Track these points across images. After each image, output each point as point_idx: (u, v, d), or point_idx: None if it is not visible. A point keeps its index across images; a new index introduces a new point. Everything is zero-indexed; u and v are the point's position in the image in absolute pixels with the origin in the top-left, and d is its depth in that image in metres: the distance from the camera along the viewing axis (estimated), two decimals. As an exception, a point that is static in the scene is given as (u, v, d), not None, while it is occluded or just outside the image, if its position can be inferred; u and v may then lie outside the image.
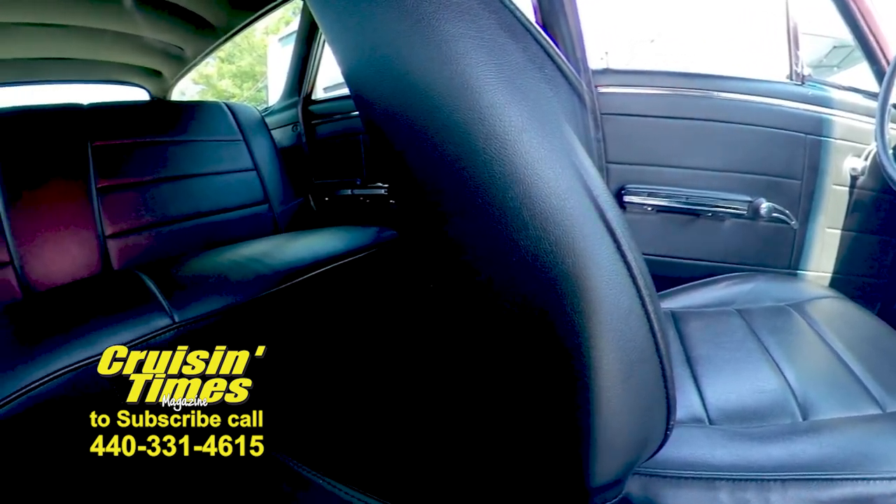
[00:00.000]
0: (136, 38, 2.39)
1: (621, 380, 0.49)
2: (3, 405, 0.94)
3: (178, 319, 1.14)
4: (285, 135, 2.43)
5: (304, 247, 1.50)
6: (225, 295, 1.21)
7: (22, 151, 1.62)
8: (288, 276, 1.29)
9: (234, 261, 1.40)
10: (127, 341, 1.08)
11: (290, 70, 2.40)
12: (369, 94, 0.61)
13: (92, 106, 1.88)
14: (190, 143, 1.96)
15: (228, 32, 2.43)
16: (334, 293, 1.42)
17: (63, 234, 1.57)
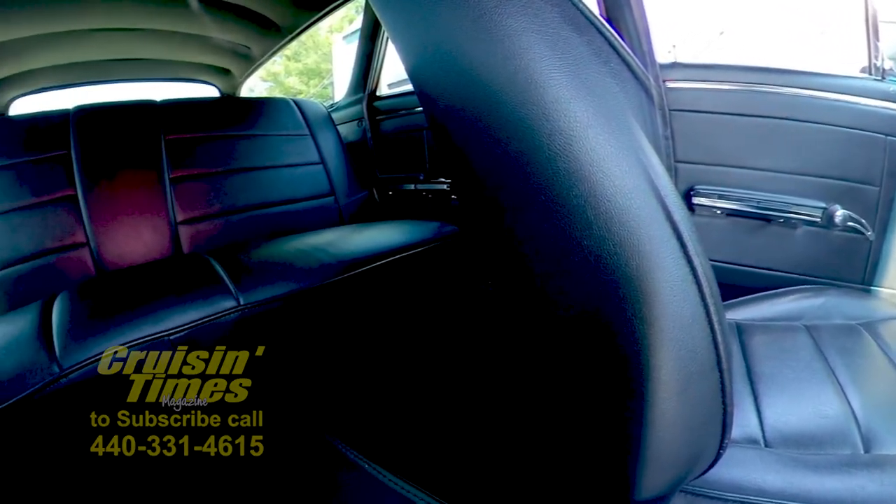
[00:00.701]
0: (205, 39, 2.50)
1: (678, 392, 0.47)
2: (73, 371, 0.99)
3: (242, 302, 1.18)
4: (351, 130, 2.48)
5: (367, 238, 1.53)
6: (289, 281, 1.24)
7: (100, 144, 1.74)
8: (350, 266, 1.32)
9: (298, 249, 1.44)
10: (193, 320, 1.12)
11: (354, 67, 2.44)
12: (432, 90, 0.60)
13: (165, 102, 2.00)
14: (258, 137, 2.03)
15: (293, 32, 2.50)
16: (394, 285, 1.44)
17: (137, 219, 1.68)
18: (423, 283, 1.53)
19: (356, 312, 1.37)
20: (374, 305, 1.41)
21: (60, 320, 1.12)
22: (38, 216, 1.56)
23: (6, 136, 1.68)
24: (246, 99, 2.30)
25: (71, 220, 1.59)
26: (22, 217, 1.54)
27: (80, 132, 1.74)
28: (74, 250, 1.58)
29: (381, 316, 1.45)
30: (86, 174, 1.65)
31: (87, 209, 1.61)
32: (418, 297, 1.54)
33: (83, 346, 1.02)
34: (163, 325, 1.09)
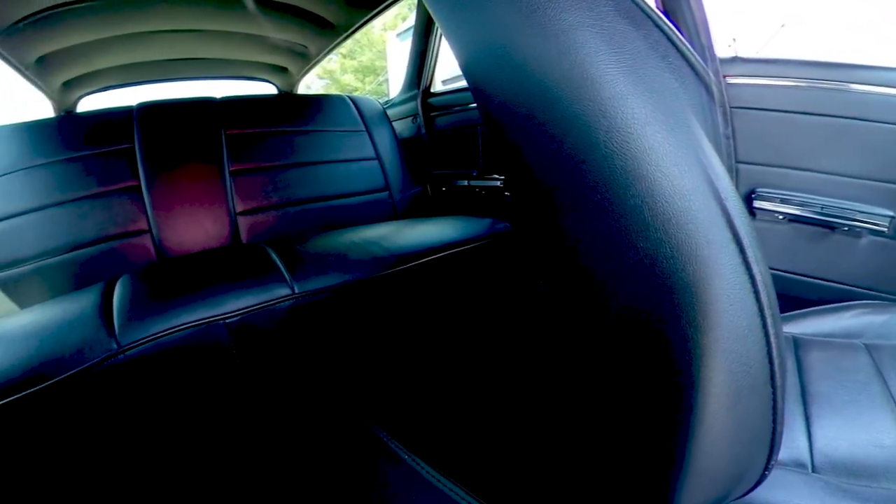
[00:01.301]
0: (262, 39, 2.56)
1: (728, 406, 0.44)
2: (132, 348, 1.03)
3: (297, 290, 1.20)
4: (405, 126, 2.51)
5: (420, 233, 1.53)
6: (342, 272, 1.26)
7: (162, 138, 1.84)
8: (402, 260, 1.33)
9: (353, 242, 1.46)
10: (248, 305, 1.15)
11: (408, 64, 2.46)
12: (486, 86, 0.59)
13: (224, 99, 2.09)
14: (315, 133, 2.09)
15: (348, 30, 2.53)
16: (445, 280, 1.44)
17: (198, 209, 1.77)
18: (474, 280, 1.53)
19: (407, 305, 1.38)
20: (424, 299, 1.42)
21: (121, 300, 1.18)
22: (104, 204, 1.67)
23: (74, 131, 1.80)
24: (303, 96, 2.35)
25: (134, 208, 1.70)
26: (88, 205, 1.65)
27: (144, 127, 1.85)
28: (137, 237, 1.68)
29: (431, 310, 1.45)
30: (149, 166, 1.76)
31: (150, 199, 1.72)
32: (469, 294, 1.54)
33: (141, 326, 1.07)
34: (219, 309, 1.13)
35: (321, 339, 1.25)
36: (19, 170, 1.66)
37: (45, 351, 1.00)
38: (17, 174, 1.65)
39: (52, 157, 1.71)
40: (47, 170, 1.68)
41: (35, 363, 0.98)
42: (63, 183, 1.67)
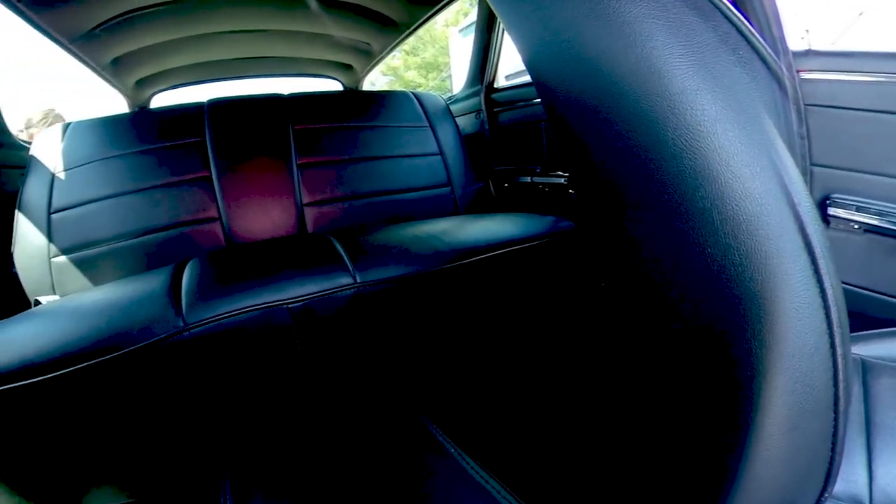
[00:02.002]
0: (327, 37, 2.64)
1: (786, 428, 0.42)
2: (195, 327, 1.08)
3: (358, 280, 1.23)
4: (469, 122, 2.51)
5: (482, 229, 1.52)
6: (403, 265, 1.28)
7: (232, 132, 1.92)
8: (463, 255, 1.32)
9: (414, 235, 1.47)
10: (311, 292, 1.19)
11: (471, 59, 2.47)
12: (551, 81, 0.58)
13: (292, 95, 2.14)
14: (380, 129, 2.12)
15: (410, 27, 2.59)
16: (505, 277, 1.43)
17: (267, 199, 1.85)
18: (535, 279, 1.51)
19: (465, 301, 1.39)
20: (483, 295, 1.42)
21: (189, 282, 1.24)
22: (176, 193, 1.77)
23: (148, 125, 1.91)
24: (368, 92, 2.40)
25: (205, 197, 1.79)
26: (162, 193, 1.75)
27: (214, 122, 1.94)
28: (207, 224, 1.77)
29: (490, 307, 1.45)
30: (219, 158, 1.85)
31: (221, 189, 1.81)
32: (528, 292, 1.52)
33: (207, 306, 1.13)
34: (283, 295, 1.17)
35: (380, 329, 1.28)
36: (97, 160, 1.77)
37: (115, 325, 1.08)
38: (94, 164, 1.77)
39: (127, 148, 1.82)
40: (123, 160, 1.79)
41: (105, 336, 1.05)
42: (138, 173, 1.77)
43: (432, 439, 1.21)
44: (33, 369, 0.99)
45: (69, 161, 1.77)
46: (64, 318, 1.15)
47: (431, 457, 1.14)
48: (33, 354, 1.01)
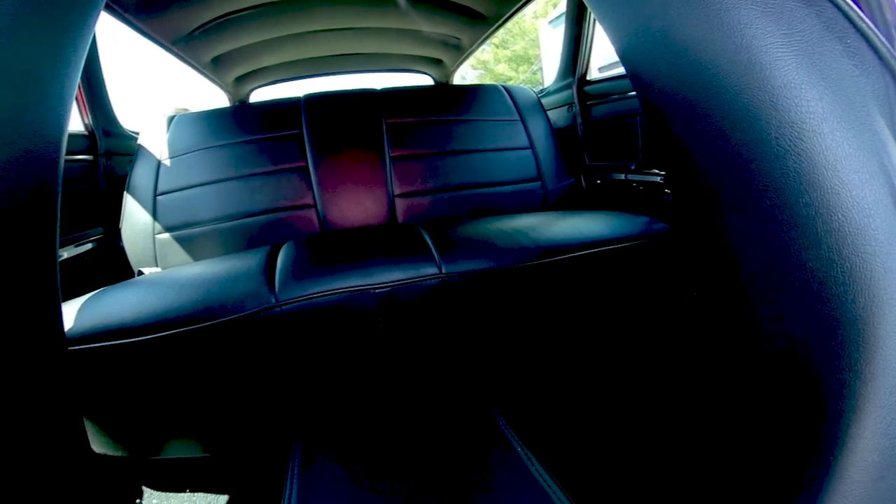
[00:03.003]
0: (417, 33, 2.72)
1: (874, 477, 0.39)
2: (286, 304, 1.18)
3: (444, 271, 1.27)
4: (561, 115, 2.50)
5: (571, 226, 1.51)
6: (488, 259, 1.30)
7: (328, 125, 2.06)
8: (550, 252, 1.33)
9: (502, 230, 1.49)
10: (397, 279, 1.25)
11: (562, 51, 2.45)
12: (646, 73, 0.58)
13: (384, 90, 2.24)
14: (470, 122, 2.16)
15: (499, 20, 2.62)
16: (592, 278, 1.41)
17: (360, 189, 1.97)
18: (622, 281, 1.48)
19: (548, 299, 1.38)
20: (567, 295, 1.41)
21: (284, 263, 1.35)
22: (275, 181, 1.93)
23: (249, 118, 2.08)
24: (458, 86, 2.41)
25: (302, 185, 1.94)
26: (261, 180, 1.92)
27: (311, 115, 2.09)
28: (303, 210, 1.92)
29: (573, 307, 1.44)
30: (316, 149, 2.00)
31: (317, 178, 1.95)
32: (614, 295, 1.50)
33: (299, 285, 1.22)
34: (370, 280, 1.24)
35: (460, 320, 1.31)
36: (200, 149, 1.99)
37: (211, 297, 1.20)
38: (197, 153, 1.98)
39: (228, 139, 2.02)
40: (224, 150, 1.99)
41: (201, 306, 1.17)
42: (238, 161, 1.96)
43: (498, 432, 1.22)
44: (132, 330, 1.13)
45: (174, 150, 1.99)
46: (164, 288, 1.29)
47: (495, 450, 1.15)
48: (132, 318, 1.16)
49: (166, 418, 1.30)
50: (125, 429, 1.31)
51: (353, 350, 1.28)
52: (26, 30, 0.53)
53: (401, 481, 1.09)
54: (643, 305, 1.55)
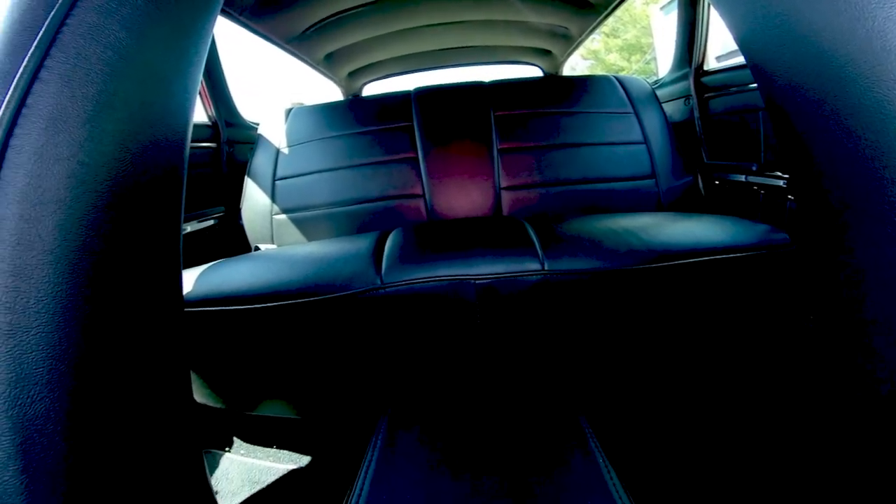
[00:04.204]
0: (524, 24, 2.69)
1: None
2: (392, 287, 1.22)
3: (546, 268, 1.23)
4: (676, 108, 2.35)
5: (684, 230, 1.41)
6: (594, 258, 1.25)
7: (437, 118, 2.09)
8: (660, 257, 1.25)
9: (610, 229, 1.42)
10: (499, 272, 1.23)
11: (676, 39, 2.30)
12: (767, 63, 0.52)
13: (493, 83, 2.23)
14: (581, 114, 2.09)
15: (608, 8, 2.53)
16: (702, 288, 1.31)
17: (467, 181, 1.98)
18: (734, 295, 1.35)
19: (653, 306, 1.30)
20: (673, 303, 1.31)
21: (391, 248, 1.39)
22: (385, 170, 2.00)
23: (361, 111, 2.16)
24: (568, 77, 2.33)
25: (412, 175, 1.99)
26: (372, 170, 2.00)
27: (421, 108, 2.13)
28: (412, 199, 1.97)
29: (678, 317, 1.34)
30: (425, 141, 2.03)
31: (426, 169, 1.99)
32: (722, 308, 1.37)
33: (403, 270, 1.25)
34: (471, 270, 1.24)
35: (559, 320, 1.27)
36: (316, 140, 2.10)
37: (321, 274, 1.27)
38: (314, 142, 2.10)
39: (342, 130, 2.11)
40: (339, 141, 2.09)
41: (311, 282, 1.25)
42: (352, 151, 2.05)
43: (582, 440, 1.16)
44: (245, 298, 1.24)
45: (291, 139, 2.12)
46: (279, 263, 1.38)
47: (575, 456, 1.09)
48: (247, 288, 1.26)
49: (264, 379, 1.41)
50: (225, 384, 1.45)
51: (448, 336, 1.29)
52: (152, 34, 0.60)
53: (475, 470, 1.08)
54: (754, 323, 1.42)
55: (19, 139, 0.49)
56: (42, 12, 0.52)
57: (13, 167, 0.49)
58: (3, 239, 0.47)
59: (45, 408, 0.48)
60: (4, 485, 0.47)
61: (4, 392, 0.47)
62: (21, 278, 0.48)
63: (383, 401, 1.40)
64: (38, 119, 0.50)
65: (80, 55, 0.52)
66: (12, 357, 0.47)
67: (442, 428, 1.23)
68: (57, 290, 0.49)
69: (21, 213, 0.48)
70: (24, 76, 0.50)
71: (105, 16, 0.54)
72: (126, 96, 0.57)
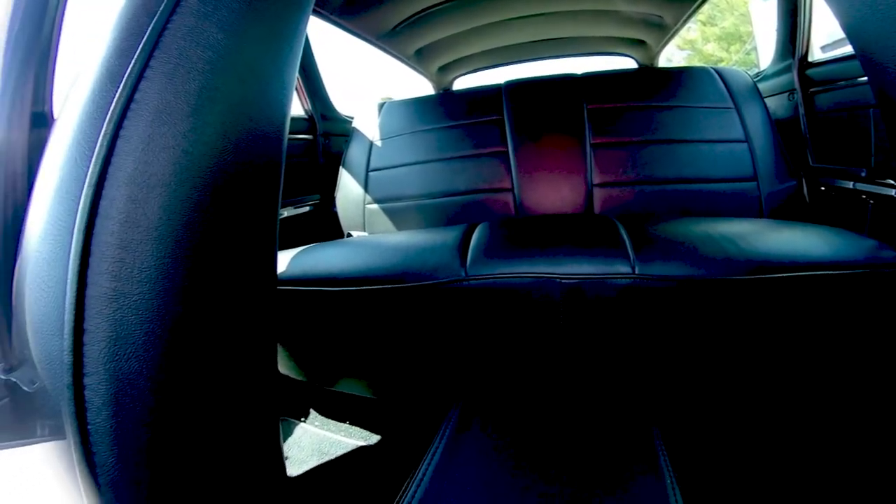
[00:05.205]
0: (615, 13, 2.59)
1: None
2: (475, 280, 1.23)
3: (637, 271, 1.17)
4: (779, 104, 2.10)
5: (785, 241, 1.28)
6: (687, 265, 1.16)
7: (528, 111, 2.07)
8: (758, 269, 1.13)
9: (706, 234, 1.32)
10: (586, 273, 1.19)
11: (777, 27, 2.07)
12: (878, 53, 0.47)
13: (585, 75, 2.17)
14: (677, 109, 1.97)
15: None
16: (800, 305, 1.17)
17: (558, 176, 1.94)
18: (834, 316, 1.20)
19: (747, 321, 1.19)
20: (769, 320, 1.19)
21: (477, 241, 1.39)
22: (475, 164, 2.02)
23: (452, 105, 2.20)
24: (664, 69, 2.22)
25: (501, 169, 1.99)
26: (462, 163, 2.03)
27: (511, 101, 2.11)
28: (500, 193, 1.97)
29: (772, 334, 1.22)
30: (516, 135, 2.02)
31: (516, 163, 1.98)
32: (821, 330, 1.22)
33: (488, 264, 1.25)
34: (558, 269, 1.20)
35: (646, 328, 1.20)
36: (407, 133, 2.16)
37: (408, 263, 1.30)
38: (406, 136, 2.16)
39: (433, 124, 2.15)
40: (429, 134, 2.13)
41: (398, 270, 1.28)
42: (442, 145, 2.08)
43: (652, 453, 1.09)
44: (335, 280, 1.30)
45: (384, 132, 2.19)
46: (369, 250, 1.45)
47: (643, 478, 1.03)
48: (338, 271, 1.33)
49: (344, 358, 1.48)
50: (307, 359, 1.54)
51: (528, 334, 1.26)
52: (248, 34, 0.64)
53: (539, 473, 1.05)
54: (854, 349, 1.25)
55: (128, 130, 0.55)
56: (146, 19, 0.58)
57: (123, 155, 0.54)
58: (112, 216, 0.53)
59: (139, 364, 0.54)
60: (97, 426, 0.53)
61: (105, 348, 0.53)
62: (127, 251, 0.53)
63: (456, 392, 1.41)
64: (144, 113, 0.56)
65: (182, 55, 0.57)
66: (114, 319, 0.53)
67: (511, 426, 1.22)
68: (159, 262, 0.55)
69: (129, 195, 0.54)
70: (131, 75, 0.56)
71: (202, 19, 0.59)
72: (227, 91, 0.61)
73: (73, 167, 0.56)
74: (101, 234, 0.54)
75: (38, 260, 0.57)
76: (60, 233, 0.55)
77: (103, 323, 0.53)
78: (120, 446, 0.54)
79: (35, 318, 0.57)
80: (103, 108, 0.56)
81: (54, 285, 0.55)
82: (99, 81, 0.58)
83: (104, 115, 0.56)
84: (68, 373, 0.53)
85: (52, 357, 0.55)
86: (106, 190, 0.54)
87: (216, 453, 0.64)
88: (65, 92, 0.67)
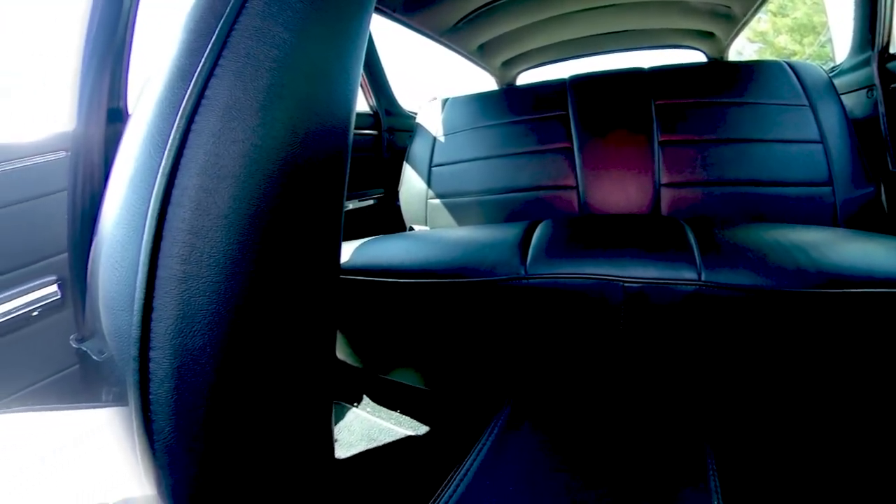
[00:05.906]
0: (681, 4, 2.52)
1: None
2: (535, 278, 1.21)
3: (703, 278, 1.11)
4: (856, 101, 1.93)
5: (862, 252, 1.19)
6: (757, 274, 1.09)
7: (593, 107, 2.03)
8: (830, 282, 1.05)
9: (778, 242, 1.24)
10: (650, 277, 1.14)
11: (854, 17, 1.91)
12: None
13: (653, 69, 2.09)
14: (748, 105, 1.85)
15: None
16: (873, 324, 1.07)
17: (624, 174, 1.89)
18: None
19: (817, 337, 1.11)
20: (840, 338, 1.10)
21: (538, 239, 1.37)
22: (539, 160, 2.00)
23: (516, 100, 2.18)
24: (734, 63, 2.08)
25: (565, 166, 1.96)
26: (525, 159, 2.02)
27: (576, 97, 2.07)
28: (564, 191, 1.95)
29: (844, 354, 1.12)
30: (581, 131, 1.98)
31: (580, 160, 1.95)
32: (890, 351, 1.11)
33: (549, 263, 1.23)
34: (620, 271, 1.15)
35: (709, 337, 1.15)
36: (470, 129, 2.16)
37: (468, 258, 1.31)
38: (468, 131, 2.16)
39: (496, 120, 2.14)
40: (492, 130, 2.13)
41: (458, 265, 1.29)
42: (505, 140, 2.07)
43: (703, 471, 1.04)
44: (396, 272, 1.33)
45: (447, 128, 2.20)
46: (430, 244, 1.46)
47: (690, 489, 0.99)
48: (399, 263, 1.37)
49: (400, 348, 1.51)
50: (365, 346, 1.58)
51: (586, 337, 1.23)
52: (312, 33, 0.66)
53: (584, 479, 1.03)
54: None
55: (199, 124, 0.58)
56: (213, 21, 0.62)
57: (194, 147, 0.58)
58: (184, 204, 0.57)
59: (203, 342, 0.57)
60: (158, 396, 0.57)
61: (172, 325, 0.56)
62: (197, 236, 0.57)
63: (507, 390, 1.41)
64: (214, 108, 0.59)
65: (249, 54, 0.60)
66: (182, 298, 0.56)
67: (561, 429, 1.21)
68: (227, 248, 0.58)
69: (201, 185, 0.57)
70: (201, 74, 0.59)
71: (268, 19, 0.62)
72: (294, 88, 0.64)
73: (147, 159, 0.60)
74: (173, 220, 0.57)
75: (112, 243, 0.62)
76: (134, 218, 0.59)
77: (171, 302, 0.57)
78: (178, 416, 0.57)
79: (107, 295, 0.62)
80: (175, 104, 0.60)
81: (127, 266, 0.59)
82: (171, 79, 0.62)
83: (176, 111, 0.59)
84: (135, 346, 0.56)
85: (122, 331, 0.59)
86: (178, 179, 0.58)
87: (269, 430, 0.68)
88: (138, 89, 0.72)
